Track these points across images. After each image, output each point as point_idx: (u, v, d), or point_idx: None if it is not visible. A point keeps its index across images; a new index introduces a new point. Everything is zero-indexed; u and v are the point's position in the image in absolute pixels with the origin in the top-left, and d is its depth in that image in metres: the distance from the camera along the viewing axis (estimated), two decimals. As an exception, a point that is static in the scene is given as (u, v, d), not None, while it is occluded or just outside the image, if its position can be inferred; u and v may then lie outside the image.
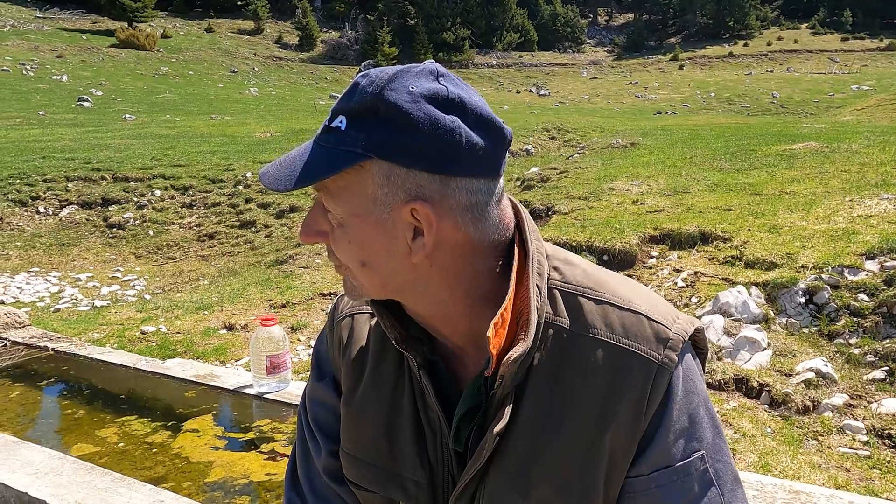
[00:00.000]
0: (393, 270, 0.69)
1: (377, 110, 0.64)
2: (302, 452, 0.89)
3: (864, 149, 7.54)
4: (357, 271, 0.70)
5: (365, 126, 0.65)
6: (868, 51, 41.62)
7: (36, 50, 29.07)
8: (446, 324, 0.73)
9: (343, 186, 0.67)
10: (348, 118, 0.66)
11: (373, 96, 0.64)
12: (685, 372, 0.70)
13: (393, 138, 0.64)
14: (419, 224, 0.66)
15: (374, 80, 0.65)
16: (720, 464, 0.71)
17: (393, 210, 0.66)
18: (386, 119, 0.64)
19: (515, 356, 0.66)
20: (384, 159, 0.64)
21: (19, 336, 2.96)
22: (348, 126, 0.65)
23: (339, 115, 0.67)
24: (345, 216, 0.68)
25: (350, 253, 0.69)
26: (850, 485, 2.47)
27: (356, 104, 0.65)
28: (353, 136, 0.65)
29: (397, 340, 0.73)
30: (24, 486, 1.67)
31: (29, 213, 7.91)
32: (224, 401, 2.32)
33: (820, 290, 3.74)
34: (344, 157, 0.65)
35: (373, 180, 0.65)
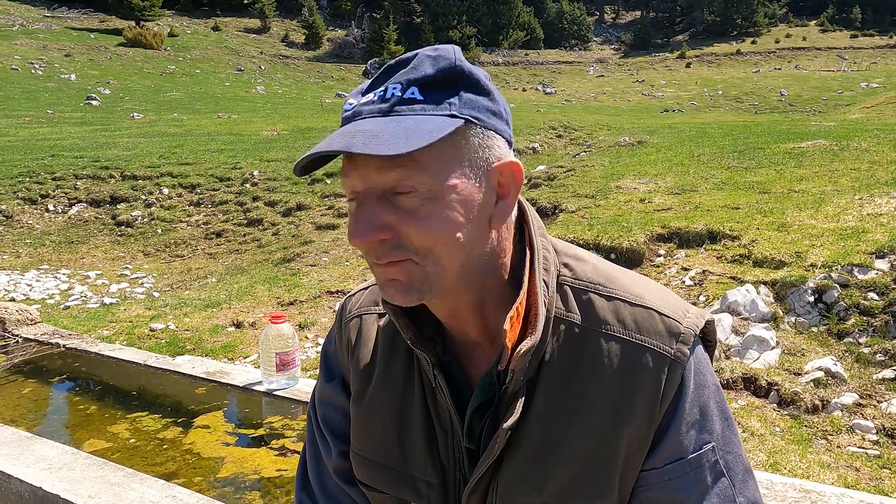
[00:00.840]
0: (478, 242, 0.68)
1: (461, 77, 0.66)
2: (312, 453, 0.89)
3: (874, 147, 7.49)
4: (447, 249, 0.65)
5: (450, 92, 0.65)
6: (877, 48, 41.30)
7: (45, 49, 29.24)
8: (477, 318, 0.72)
9: (436, 154, 0.63)
10: (422, 87, 0.65)
11: (454, 65, 0.66)
12: (696, 365, 0.71)
13: (480, 101, 0.67)
14: (502, 188, 0.68)
15: (448, 52, 0.67)
16: (731, 455, 0.71)
17: (484, 174, 0.67)
18: (469, 85, 0.67)
19: (524, 350, 0.67)
20: (477, 122, 0.66)
21: (31, 333, 2.98)
22: (426, 94, 0.65)
23: (409, 86, 0.65)
24: (439, 187, 0.64)
25: (447, 227, 0.64)
26: (860, 484, 2.46)
27: (436, 73, 0.65)
28: (443, 101, 0.65)
29: (412, 340, 0.73)
30: (38, 481, 1.69)
31: (38, 211, 7.97)
32: (234, 397, 2.33)
33: (829, 288, 3.72)
34: (443, 121, 0.64)
35: (466, 143, 0.65)
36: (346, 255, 5.82)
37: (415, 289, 0.66)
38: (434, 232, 0.64)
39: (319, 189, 7.87)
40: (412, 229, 0.64)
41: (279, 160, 9.23)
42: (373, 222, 0.64)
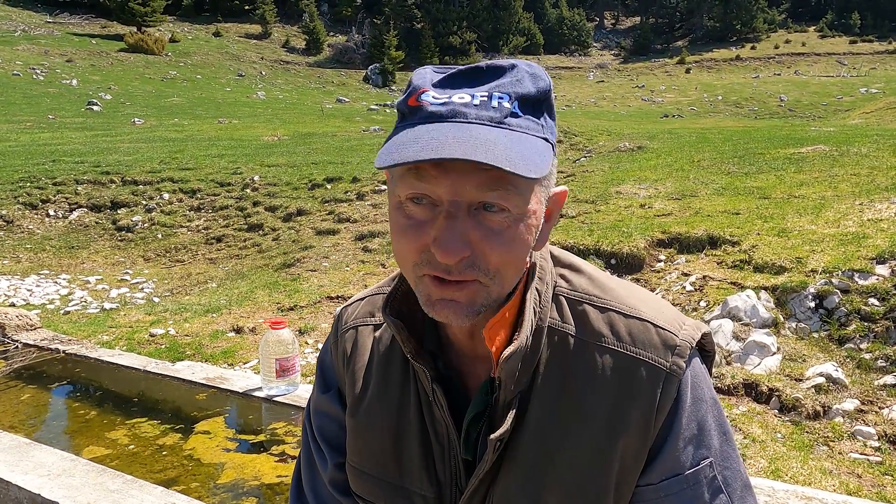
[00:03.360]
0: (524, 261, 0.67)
1: (546, 101, 0.66)
2: (307, 464, 0.88)
3: (874, 152, 7.50)
4: (516, 272, 0.65)
5: (541, 114, 0.65)
6: (877, 53, 41.41)
7: (46, 54, 29.33)
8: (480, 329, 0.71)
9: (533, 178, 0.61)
10: (521, 103, 0.63)
11: (549, 88, 0.66)
12: (693, 379, 0.70)
13: (554, 127, 0.68)
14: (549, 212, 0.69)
15: (541, 71, 0.66)
16: (729, 471, 0.70)
17: (548, 199, 0.68)
18: (551, 111, 0.67)
19: (507, 354, 0.66)
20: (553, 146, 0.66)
21: (30, 338, 2.98)
22: (525, 111, 0.63)
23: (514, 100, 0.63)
24: (527, 210, 0.63)
25: (525, 251, 0.64)
26: (862, 491, 2.45)
27: (537, 92, 0.64)
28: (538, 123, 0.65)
29: (413, 354, 0.72)
30: (36, 488, 1.68)
31: (39, 216, 7.97)
32: (234, 403, 2.33)
33: (830, 294, 3.71)
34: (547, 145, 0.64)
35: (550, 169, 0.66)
36: (347, 261, 5.82)
37: (473, 311, 0.64)
38: (513, 254, 0.63)
39: (320, 194, 7.88)
40: (494, 250, 0.61)
41: (280, 165, 9.24)
42: (464, 237, 0.61)
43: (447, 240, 0.60)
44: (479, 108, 0.61)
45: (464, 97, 0.62)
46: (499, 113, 0.61)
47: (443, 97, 0.63)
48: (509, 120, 0.62)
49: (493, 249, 0.62)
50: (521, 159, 0.58)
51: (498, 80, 0.63)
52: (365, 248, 6.05)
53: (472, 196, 0.60)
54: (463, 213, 0.61)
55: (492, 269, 0.63)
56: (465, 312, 0.64)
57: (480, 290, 0.63)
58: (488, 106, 0.62)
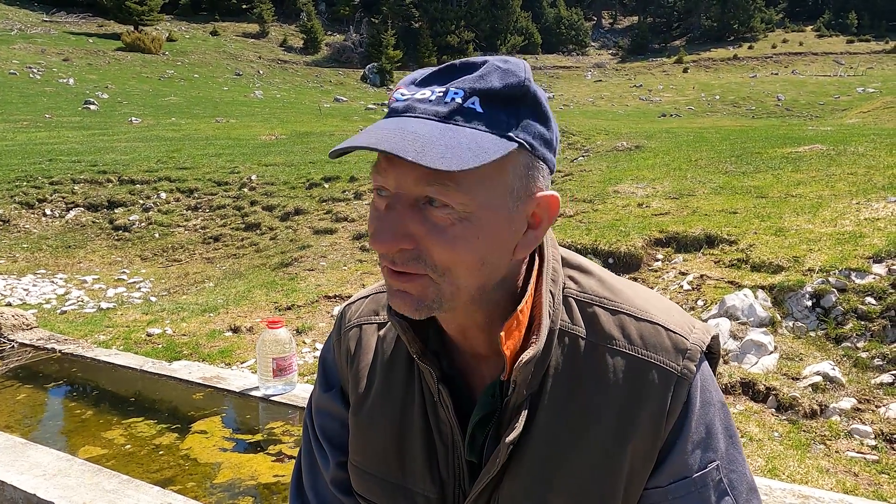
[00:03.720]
0: (498, 269, 0.66)
1: (523, 98, 0.63)
2: (308, 462, 0.88)
3: (871, 151, 7.51)
4: (468, 273, 0.63)
5: (511, 111, 0.62)
6: (874, 53, 41.50)
7: (43, 53, 29.25)
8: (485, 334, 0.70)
9: (483, 175, 0.60)
10: (483, 100, 0.61)
11: (522, 83, 0.62)
12: (703, 382, 0.70)
13: (536, 127, 0.64)
14: (535, 218, 0.66)
15: (519, 67, 0.63)
16: (734, 474, 0.70)
17: (521, 202, 0.64)
18: (531, 108, 0.64)
19: (526, 359, 0.66)
20: (528, 148, 0.63)
21: (27, 338, 2.97)
22: (486, 108, 0.61)
23: (471, 95, 0.61)
24: (475, 209, 0.61)
25: (474, 251, 0.62)
26: (859, 489, 2.45)
27: (502, 88, 0.62)
28: (501, 120, 0.61)
29: (418, 354, 0.72)
30: (32, 488, 1.68)
31: (35, 216, 7.95)
32: (231, 403, 2.32)
33: (827, 293, 3.72)
34: (499, 142, 0.60)
35: (514, 169, 0.63)
36: (345, 260, 5.81)
37: (424, 305, 0.64)
38: (458, 253, 0.62)
39: (317, 193, 7.87)
40: (437, 246, 0.61)
41: (277, 164, 9.23)
42: (398, 230, 0.61)
43: (378, 230, 0.62)
44: (433, 103, 0.61)
45: (425, 93, 0.62)
46: (446, 108, 0.61)
47: (408, 94, 0.63)
48: (457, 115, 0.61)
49: (434, 245, 0.61)
50: (439, 153, 0.57)
51: (463, 76, 0.63)
52: (363, 248, 6.05)
53: (414, 190, 0.61)
54: (404, 206, 0.62)
55: (438, 265, 0.62)
56: (416, 305, 0.64)
57: (430, 285, 0.63)
58: (441, 101, 0.61)
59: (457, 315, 0.69)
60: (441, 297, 0.64)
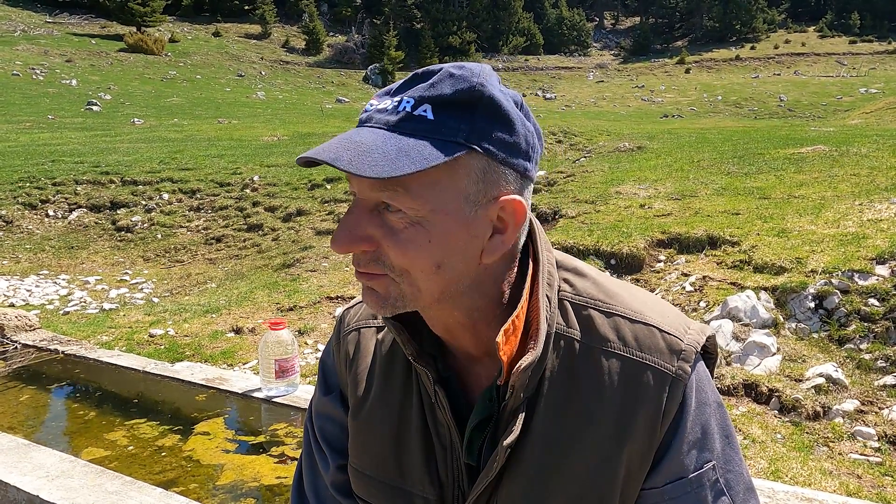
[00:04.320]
0: (461, 273, 0.66)
1: (478, 103, 0.63)
2: (308, 465, 0.88)
3: (874, 152, 7.50)
4: (424, 276, 0.65)
5: (463, 117, 0.62)
6: (876, 53, 41.44)
7: (46, 54, 29.33)
8: (469, 334, 0.71)
9: (432, 180, 0.62)
10: (435, 107, 0.62)
11: (473, 88, 0.62)
12: (698, 383, 0.71)
13: (494, 132, 0.64)
14: (502, 223, 0.66)
15: (472, 73, 0.64)
16: (731, 474, 0.71)
17: (481, 207, 0.64)
18: (486, 113, 0.63)
19: (525, 365, 0.66)
20: (484, 152, 0.63)
21: (29, 339, 2.98)
22: (438, 115, 0.62)
23: (421, 103, 0.62)
24: (427, 213, 0.62)
25: (427, 255, 0.64)
26: (862, 492, 2.45)
27: (453, 94, 0.62)
28: (450, 126, 0.62)
29: (413, 356, 0.72)
30: (35, 490, 1.68)
31: (38, 217, 7.97)
32: (233, 404, 2.32)
33: (830, 294, 3.71)
34: (444, 147, 0.61)
35: (467, 174, 0.63)
36: (346, 261, 5.81)
37: (389, 303, 0.66)
38: (412, 257, 0.64)
39: (319, 194, 7.88)
40: (391, 248, 0.64)
41: (279, 165, 9.24)
42: (355, 233, 0.64)
43: (337, 233, 0.65)
44: (387, 113, 0.64)
45: (386, 103, 0.65)
46: (396, 117, 0.63)
47: (375, 104, 0.66)
48: (405, 124, 0.62)
49: (389, 247, 0.64)
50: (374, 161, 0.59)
51: (419, 85, 0.64)
52: (364, 249, 6.05)
53: (371, 195, 0.64)
54: (362, 210, 0.64)
55: (395, 266, 0.64)
56: (382, 303, 0.66)
57: (392, 284, 0.66)
58: (395, 111, 0.63)
59: (437, 314, 0.70)
60: (403, 296, 0.66)
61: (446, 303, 0.68)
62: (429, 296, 0.66)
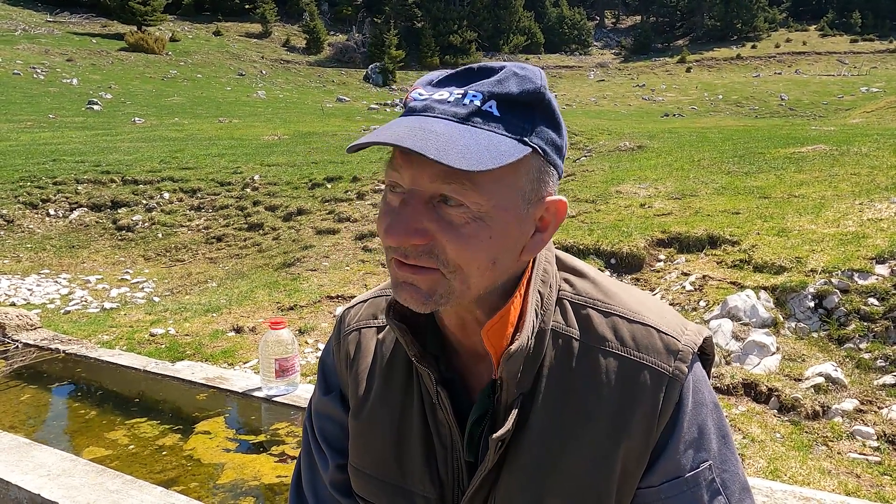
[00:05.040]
0: (507, 269, 0.68)
1: (538, 104, 0.65)
2: (307, 465, 0.89)
3: (874, 152, 7.50)
4: (479, 272, 0.65)
5: (528, 117, 0.64)
6: (877, 52, 41.38)
7: (46, 53, 29.33)
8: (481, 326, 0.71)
9: (496, 177, 0.62)
10: (500, 104, 0.63)
11: (538, 89, 0.64)
12: (695, 383, 0.71)
13: (549, 133, 0.66)
14: (543, 222, 0.68)
15: (535, 74, 0.65)
16: (727, 473, 0.71)
17: (531, 206, 0.66)
18: (544, 114, 0.66)
19: (510, 353, 0.67)
20: (541, 152, 0.65)
21: (31, 338, 2.99)
22: (503, 112, 0.63)
23: (489, 98, 0.63)
24: (490, 209, 0.63)
25: (485, 251, 0.64)
26: (861, 491, 2.45)
27: (519, 93, 0.64)
28: (516, 125, 0.63)
29: (416, 357, 0.73)
30: (36, 488, 1.69)
31: (39, 216, 7.98)
32: (234, 403, 2.33)
33: (829, 294, 3.72)
34: (515, 144, 0.63)
35: (527, 172, 0.65)
36: (347, 260, 5.82)
37: (433, 299, 0.65)
38: (471, 252, 0.63)
39: (320, 194, 7.88)
40: (450, 243, 0.63)
41: (280, 165, 9.24)
42: (413, 225, 0.63)
43: (392, 224, 0.63)
44: (451, 104, 0.63)
45: (443, 94, 0.64)
46: (465, 109, 0.62)
47: (426, 94, 0.65)
48: (476, 117, 0.62)
49: (448, 242, 0.63)
50: (460, 153, 0.58)
51: (482, 80, 0.64)
52: (365, 248, 6.05)
53: (429, 187, 0.62)
54: (418, 202, 0.63)
55: (450, 261, 0.64)
56: (424, 299, 0.65)
57: (441, 280, 0.65)
58: (460, 103, 0.63)
59: (459, 309, 0.70)
60: (450, 293, 0.65)
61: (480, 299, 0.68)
62: (475, 292, 0.66)
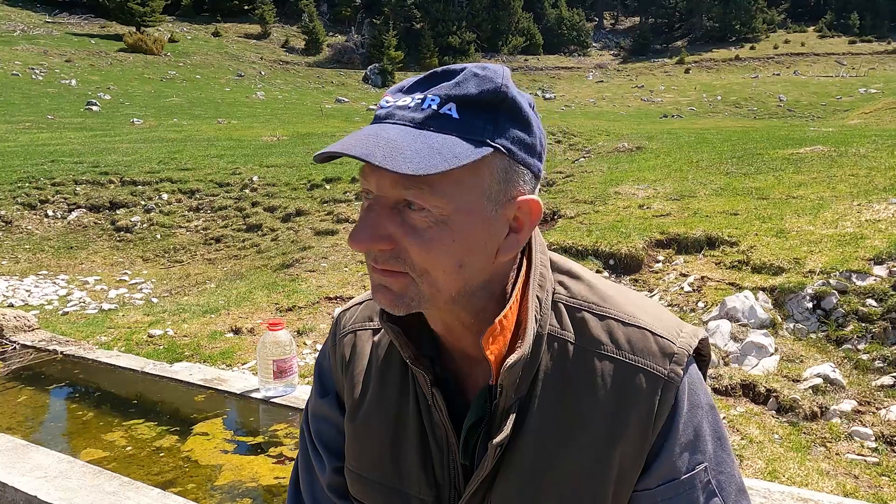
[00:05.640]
0: (479, 272, 0.67)
1: (500, 103, 0.64)
2: (305, 468, 0.88)
3: (872, 153, 7.51)
4: (445, 275, 0.65)
5: (488, 117, 0.63)
6: (876, 54, 41.45)
7: (45, 54, 29.31)
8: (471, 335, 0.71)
9: (457, 179, 0.62)
10: (460, 106, 0.63)
11: (498, 88, 0.63)
12: (690, 385, 0.71)
13: (515, 132, 0.65)
14: (517, 222, 0.68)
15: (496, 73, 0.64)
16: (723, 475, 0.71)
17: (501, 206, 0.65)
18: (509, 113, 0.65)
19: (511, 363, 0.67)
20: (506, 152, 0.64)
21: (28, 339, 2.98)
22: (463, 114, 0.63)
23: (447, 101, 0.63)
24: (451, 212, 0.63)
25: (450, 254, 0.64)
26: (859, 492, 2.45)
27: (479, 94, 0.63)
28: (476, 126, 0.63)
29: (411, 359, 0.73)
30: (33, 490, 1.68)
31: (38, 217, 7.97)
32: (232, 405, 2.33)
33: (828, 295, 3.72)
34: (472, 146, 0.62)
35: (490, 173, 0.64)
36: (346, 261, 5.82)
37: (404, 301, 0.66)
38: (434, 256, 0.64)
39: (319, 195, 7.88)
40: (414, 247, 0.63)
41: (279, 166, 9.24)
42: (376, 231, 0.63)
43: (356, 230, 0.64)
44: (411, 110, 0.63)
45: (406, 100, 0.64)
46: (422, 114, 0.63)
47: (392, 101, 0.65)
48: (432, 121, 0.62)
49: (411, 246, 0.63)
50: (406, 158, 0.59)
51: (440, 83, 0.64)
52: (364, 249, 6.04)
53: (392, 193, 0.63)
54: (382, 208, 0.64)
55: (416, 265, 0.64)
56: (396, 301, 0.66)
57: (411, 284, 0.65)
58: (419, 108, 0.63)
59: (441, 314, 0.70)
60: (420, 296, 0.66)
61: (457, 303, 0.68)
62: (446, 295, 0.66)
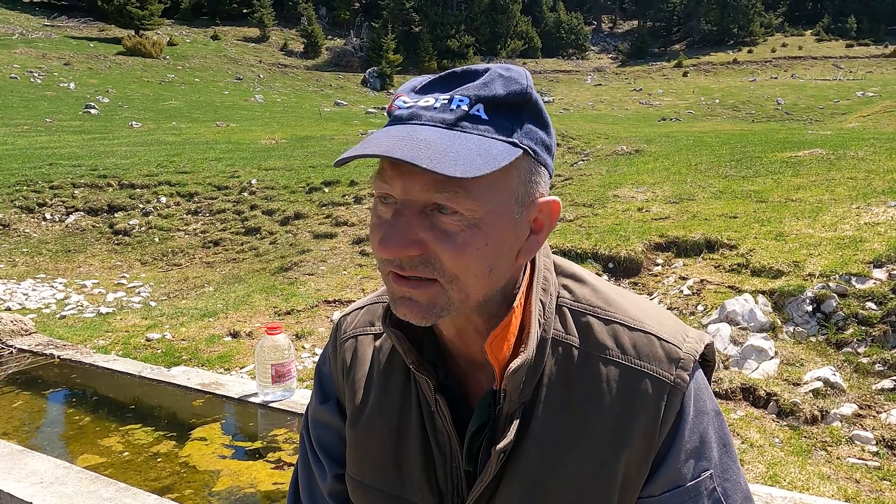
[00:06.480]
0: (504, 274, 0.66)
1: (525, 105, 0.64)
2: (305, 474, 0.87)
3: (871, 156, 7.52)
4: (476, 279, 0.63)
5: (516, 118, 0.63)
6: (873, 57, 41.61)
7: (44, 58, 29.31)
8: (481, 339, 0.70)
9: (489, 181, 0.61)
10: (488, 107, 0.62)
11: (525, 90, 0.63)
12: (696, 391, 0.70)
13: (538, 133, 0.65)
14: (537, 223, 0.67)
15: (520, 75, 0.64)
16: (728, 483, 0.70)
17: (525, 208, 0.65)
18: (532, 114, 0.65)
19: (514, 367, 0.66)
20: (533, 154, 0.64)
21: (25, 343, 2.96)
22: (491, 115, 0.62)
23: (476, 102, 0.62)
24: (484, 215, 0.61)
25: (482, 258, 0.62)
26: (860, 496, 2.44)
27: (506, 95, 0.62)
28: (505, 127, 0.62)
29: (414, 365, 0.72)
30: (29, 496, 1.67)
31: (35, 220, 7.95)
32: (229, 409, 2.31)
33: (827, 298, 3.71)
34: (505, 147, 0.61)
35: (518, 175, 0.64)
36: (344, 265, 5.81)
37: (434, 312, 0.64)
38: (467, 260, 0.62)
39: (317, 198, 7.87)
40: (445, 252, 0.61)
41: (277, 169, 9.23)
42: (408, 235, 0.61)
43: (387, 236, 0.62)
44: (438, 110, 0.62)
45: (429, 101, 0.63)
46: (452, 115, 0.61)
47: (411, 101, 0.64)
48: (464, 122, 0.61)
49: (444, 251, 0.61)
50: (452, 160, 0.57)
51: (467, 84, 0.63)
52: (362, 252, 6.04)
53: (422, 196, 0.61)
54: (412, 212, 0.62)
55: (447, 271, 0.62)
56: (424, 312, 0.64)
57: (440, 292, 0.63)
58: (447, 109, 0.62)
59: (457, 319, 0.69)
60: (450, 304, 0.64)
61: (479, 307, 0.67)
62: (474, 301, 0.65)
